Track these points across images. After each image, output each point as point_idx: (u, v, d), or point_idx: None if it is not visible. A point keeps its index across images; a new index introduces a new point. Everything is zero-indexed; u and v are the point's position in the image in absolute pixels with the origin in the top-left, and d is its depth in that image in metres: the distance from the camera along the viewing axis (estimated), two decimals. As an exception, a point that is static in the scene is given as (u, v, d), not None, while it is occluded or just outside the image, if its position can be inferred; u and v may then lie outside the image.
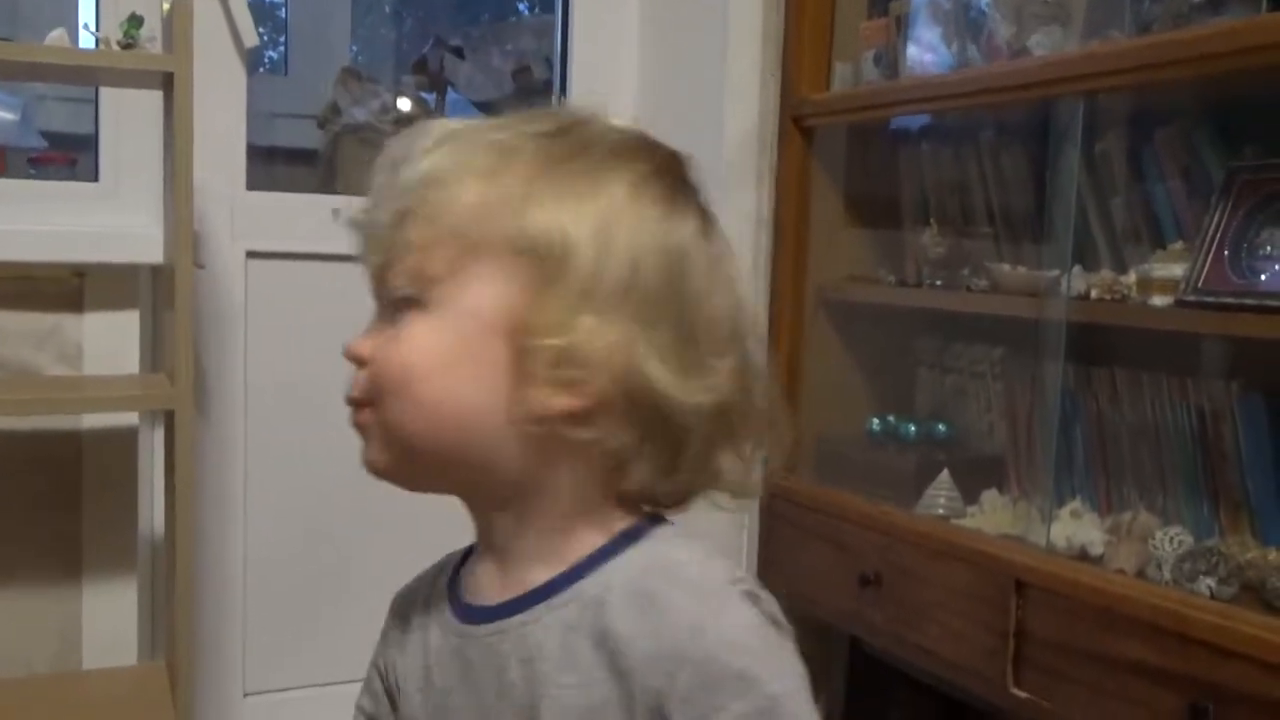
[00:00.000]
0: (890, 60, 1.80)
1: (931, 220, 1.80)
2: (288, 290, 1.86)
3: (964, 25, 1.66)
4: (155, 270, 1.57)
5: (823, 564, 1.76)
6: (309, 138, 2.86)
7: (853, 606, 1.68)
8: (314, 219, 1.89)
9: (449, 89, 2.63)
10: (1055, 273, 1.56)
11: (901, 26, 1.77)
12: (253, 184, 1.87)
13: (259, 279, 1.84)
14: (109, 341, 1.57)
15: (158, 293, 1.61)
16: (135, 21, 1.36)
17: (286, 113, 2.87)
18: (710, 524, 2.14)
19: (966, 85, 1.60)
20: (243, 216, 1.84)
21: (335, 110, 2.81)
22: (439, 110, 2.67)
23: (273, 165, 2.89)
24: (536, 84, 2.58)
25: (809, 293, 1.93)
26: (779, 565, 1.88)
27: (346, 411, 0.68)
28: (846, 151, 1.92)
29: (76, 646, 1.59)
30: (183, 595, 1.44)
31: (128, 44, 1.35)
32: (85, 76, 1.52)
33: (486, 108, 2.65)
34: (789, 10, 1.91)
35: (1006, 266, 1.67)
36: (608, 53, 2.12)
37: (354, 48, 2.88)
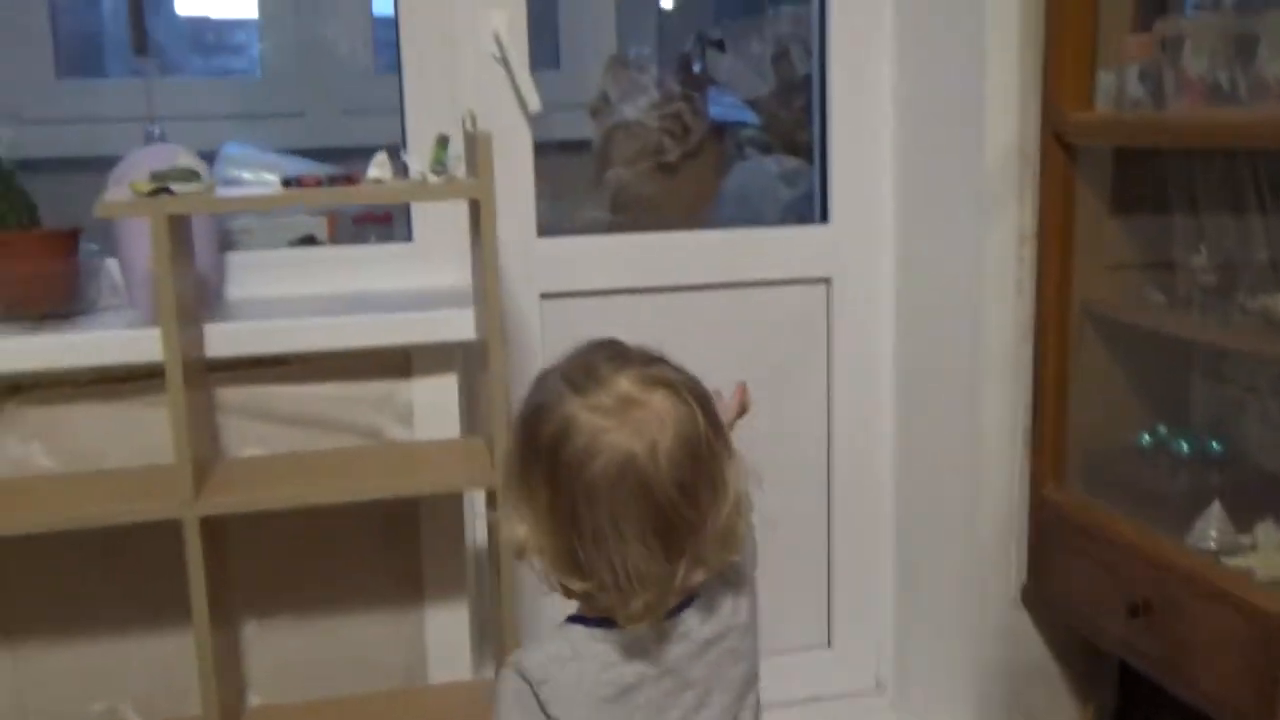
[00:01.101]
0: (1156, 78, 1.78)
1: (1203, 245, 1.79)
2: (581, 328, 2.05)
3: (1233, 55, 1.62)
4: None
5: (1091, 585, 1.83)
6: (581, 128, 3.02)
7: (1121, 633, 1.75)
8: (601, 257, 2.07)
9: (711, 86, 2.72)
10: (1335, 310, 1.55)
11: (1168, 48, 1.74)
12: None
13: (553, 318, 2.04)
14: (435, 400, 1.81)
15: (470, 357, 1.82)
16: (442, 144, 1.54)
17: (559, 103, 3.04)
18: (980, 534, 2.17)
19: (1240, 128, 1.58)
20: (536, 262, 2.03)
21: (605, 100, 2.96)
22: (702, 105, 2.78)
23: (546, 157, 3.08)
24: (796, 76, 2.64)
25: (1075, 306, 1.95)
26: (1048, 580, 1.96)
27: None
28: (1112, 168, 1.91)
29: (423, 662, 1.87)
30: (509, 618, 1.67)
31: (437, 170, 1.53)
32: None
33: (753, 105, 2.73)
34: (1050, 20, 1.90)
35: (1284, 299, 1.65)
36: (864, 51, 2.16)
37: (624, 45, 3.01)
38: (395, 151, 1.59)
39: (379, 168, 1.55)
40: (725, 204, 2.71)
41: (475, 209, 1.56)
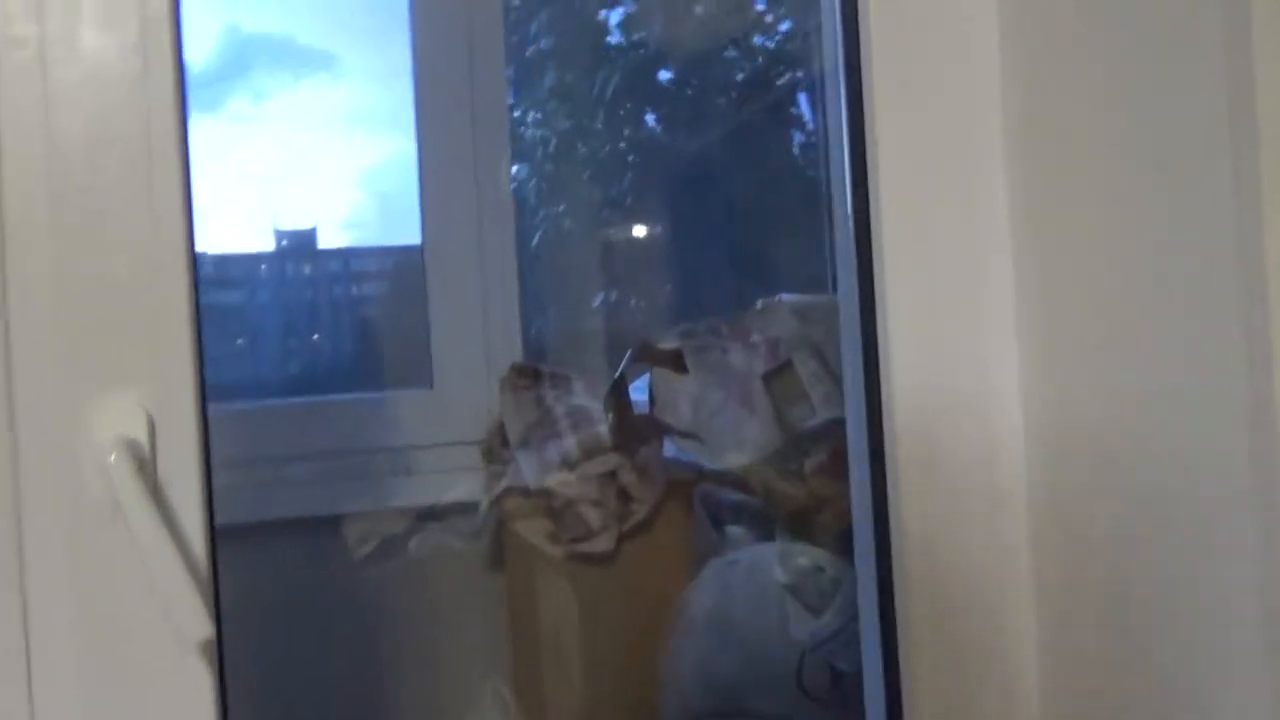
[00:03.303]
0: None
1: None
2: None
3: None
4: None
5: None
6: (468, 483, 1.91)
7: None
8: None
9: (665, 432, 1.60)
10: None
11: None
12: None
13: None
14: None
15: None
16: None
17: (430, 443, 1.92)
18: None
19: None
20: None
21: (503, 437, 1.85)
22: (653, 455, 1.65)
23: (412, 533, 1.95)
24: (812, 410, 1.52)
25: None
26: None
27: None
28: None
29: None
30: None
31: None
32: None
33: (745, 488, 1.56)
34: None
35: None
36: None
37: (534, 351, 1.91)
38: None
39: None
40: (696, 636, 1.54)
41: None
